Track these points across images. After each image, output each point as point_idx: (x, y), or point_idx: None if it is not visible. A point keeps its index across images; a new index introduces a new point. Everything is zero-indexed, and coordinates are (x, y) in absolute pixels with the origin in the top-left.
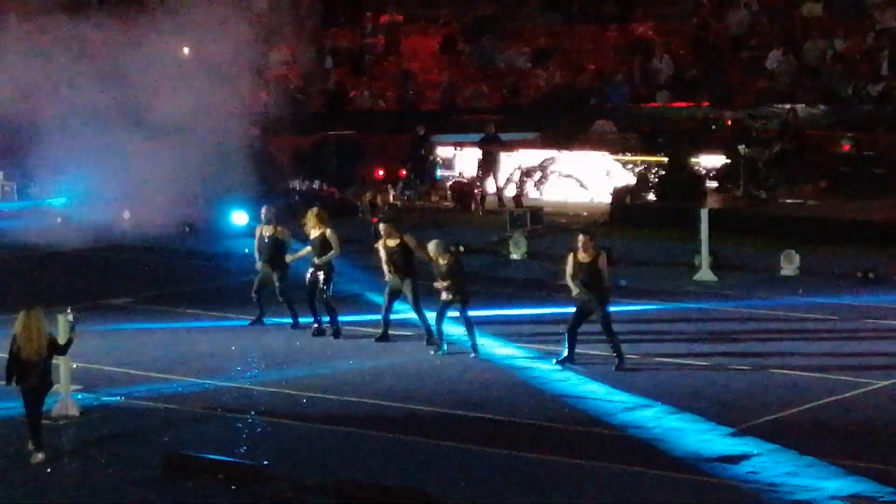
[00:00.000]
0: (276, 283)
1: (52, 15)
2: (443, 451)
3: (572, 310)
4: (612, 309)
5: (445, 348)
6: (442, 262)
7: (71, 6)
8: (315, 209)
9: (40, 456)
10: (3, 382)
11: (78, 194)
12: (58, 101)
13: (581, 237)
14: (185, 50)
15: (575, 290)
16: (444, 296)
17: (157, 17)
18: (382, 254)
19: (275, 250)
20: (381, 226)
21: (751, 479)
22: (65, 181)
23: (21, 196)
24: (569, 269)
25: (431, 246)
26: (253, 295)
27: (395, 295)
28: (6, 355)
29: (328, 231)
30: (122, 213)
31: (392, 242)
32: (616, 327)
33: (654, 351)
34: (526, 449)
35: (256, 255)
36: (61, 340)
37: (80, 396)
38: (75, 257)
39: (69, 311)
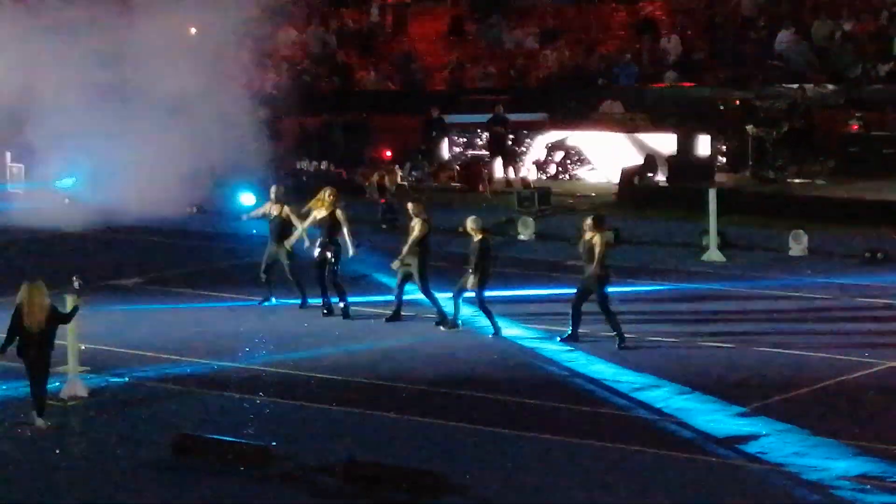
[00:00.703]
0: (285, 262)
1: None
2: (452, 432)
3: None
4: (621, 289)
5: (460, 324)
6: (475, 238)
7: None
8: (329, 189)
9: (40, 422)
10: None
11: (85, 175)
12: (64, 82)
13: (589, 219)
14: (193, 30)
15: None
16: (469, 280)
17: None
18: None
19: (281, 230)
20: (410, 204)
21: (759, 459)
22: (72, 162)
23: (29, 177)
24: (580, 246)
25: (469, 221)
26: (261, 275)
27: (408, 275)
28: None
29: (338, 212)
30: (129, 194)
31: (413, 222)
32: (625, 307)
33: (662, 331)
34: (535, 429)
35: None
36: (69, 308)
37: (88, 378)
38: (82, 238)
39: (75, 277)
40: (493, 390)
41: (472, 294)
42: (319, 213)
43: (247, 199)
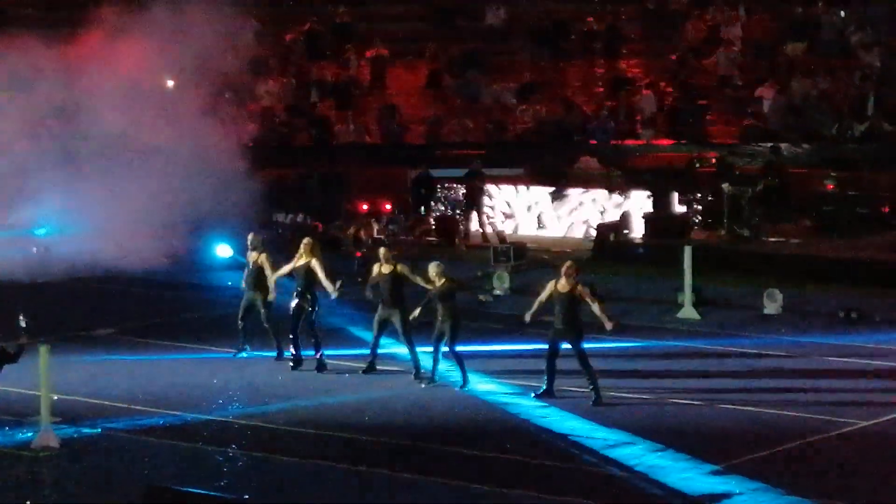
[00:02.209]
0: (261, 310)
1: (29, 40)
2: (425, 487)
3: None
4: (597, 345)
5: (437, 379)
6: (438, 283)
7: (52, 33)
8: (308, 239)
9: None
10: None
11: (59, 224)
12: (39, 132)
13: (567, 263)
14: (170, 82)
15: (526, 316)
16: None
17: (143, 48)
18: (374, 274)
19: (257, 276)
20: (382, 250)
21: None
22: (46, 211)
23: (1, 226)
24: (543, 294)
25: (432, 267)
26: (239, 322)
27: (384, 325)
28: None
29: (314, 261)
30: (104, 244)
31: (386, 269)
32: (599, 363)
33: (636, 387)
34: (509, 485)
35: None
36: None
37: (60, 428)
38: (56, 288)
39: (21, 317)
40: (466, 445)
41: (446, 348)
42: (297, 262)
43: (222, 250)
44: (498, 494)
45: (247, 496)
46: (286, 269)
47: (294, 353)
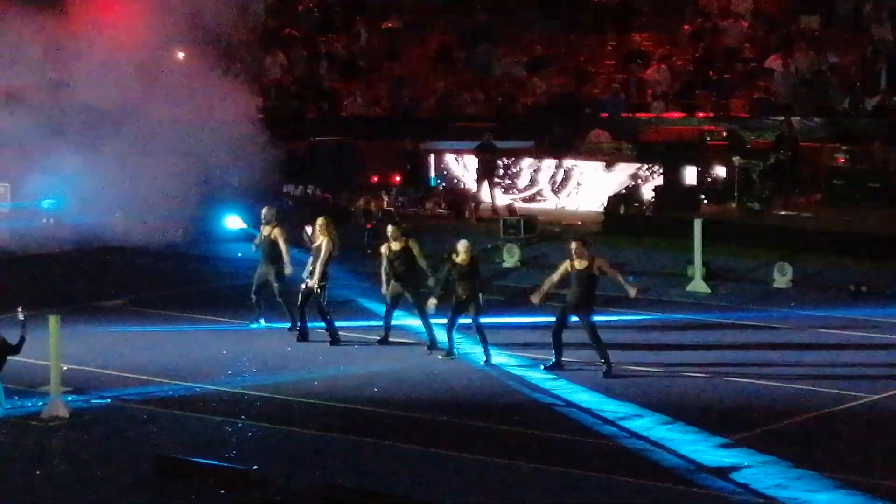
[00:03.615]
0: (275, 284)
1: (42, 11)
2: (433, 458)
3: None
4: (607, 318)
5: (456, 352)
6: (464, 260)
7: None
8: (322, 218)
9: None
10: None
11: (70, 195)
12: (51, 101)
13: (574, 244)
14: (180, 54)
15: (534, 297)
16: (445, 297)
17: (153, 19)
18: (384, 258)
19: (271, 250)
20: (389, 228)
21: (741, 491)
22: (58, 182)
23: (14, 197)
24: (555, 275)
25: (460, 244)
26: (252, 295)
27: (396, 299)
28: None
29: (325, 240)
30: (114, 216)
31: (396, 246)
32: (609, 336)
33: (646, 360)
34: (518, 457)
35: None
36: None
37: (70, 398)
38: (67, 259)
39: (19, 309)
40: (476, 417)
41: (470, 320)
42: (313, 241)
43: (232, 221)
44: (507, 467)
45: (255, 466)
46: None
47: (301, 325)
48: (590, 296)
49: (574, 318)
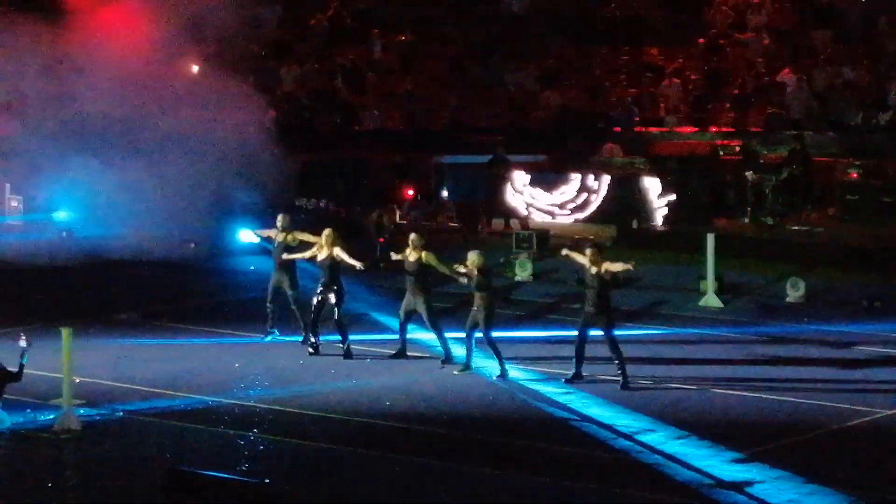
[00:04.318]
0: (289, 292)
1: (55, 25)
2: (446, 472)
3: (576, 332)
4: (620, 332)
5: (473, 367)
6: (477, 273)
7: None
8: (328, 230)
9: None
10: None
11: (83, 208)
12: (66, 114)
13: (589, 250)
14: (195, 67)
15: (564, 251)
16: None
17: (166, 32)
18: (402, 257)
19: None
20: (413, 235)
21: None
22: (71, 194)
23: (28, 209)
24: (580, 257)
25: (471, 254)
26: (268, 305)
27: (410, 314)
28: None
29: (336, 250)
30: (127, 228)
31: (412, 257)
32: (622, 350)
33: (659, 375)
34: (531, 471)
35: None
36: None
37: (82, 411)
38: (79, 271)
39: (22, 336)
40: (490, 431)
41: (480, 334)
42: (320, 254)
43: (245, 235)
44: (519, 481)
45: (268, 480)
46: (308, 254)
47: (313, 339)
48: (607, 305)
49: (593, 332)
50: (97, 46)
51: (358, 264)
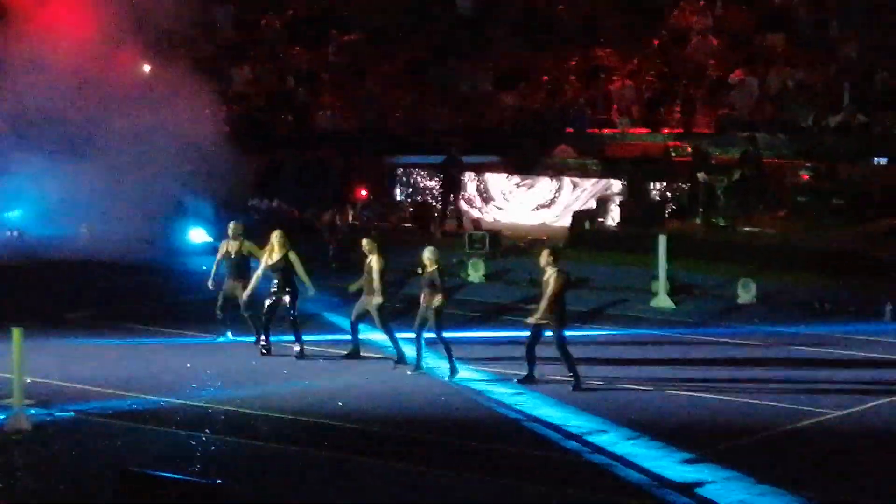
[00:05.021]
0: (242, 299)
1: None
2: (395, 473)
3: (527, 333)
4: (572, 333)
5: (424, 367)
6: (430, 268)
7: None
8: (278, 232)
9: None
10: None
11: (36, 208)
12: (14, 114)
13: (545, 251)
14: (146, 67)
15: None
16: (422, 300)
17: (119, 33)
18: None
19: (240, 267)
20: (364, 241)
21: None
22: (23, 194)
23: None
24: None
25: (426, 252)
26: (217, 313)
27: (361, 314)
28: None
29: (291, 254)
30: (79, 228)
31: (367, 259)
32: (573, 351)
33: (610, 375)
34: (480, 472)
35: (213, 269)
36: None
37: (32, 411)
38: (31, 271)
39: None
40: (440, 432)
41: (430, 334)
42: (272, 257)
43: (197, 234)
44: (470, 481)
45: (220, 481)
46: (260, 269)
47: (264, 340)
48: (559, 308)
49: (547, 333)
50: (47, 44)
51: (310, 288)
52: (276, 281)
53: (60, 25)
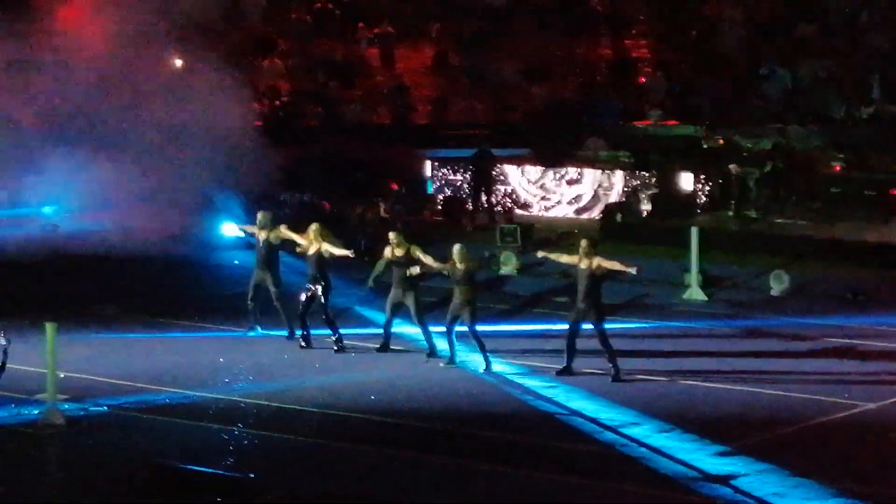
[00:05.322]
0: (272, 289)
1: (34, 19)
2: (430, 466)
3: (562, 326)
4: (605, 326)
5: (458, 361)
6: (461, 266)
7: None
8: (315, 225)
9: None
10: None
11: (69, 202)
12: (50, 109)
13: (584, 241)
14: (177, 61)
15: (541, 253)
16: (455, 298)
17: (150, 27)
18: (382, 262)
19: (268, 256)
20: (391, 234)
21: (738, 499)
22: (56, 188)
23: (13, 203)
24: (564, 256)
25: (455, 249)
26: (248, 302)
27: (397, 307)
28: None
29: (325, 246)
30: (112, 222)
31: (399, 252)
32: (611, 344)
33: (643, 368)
34: (516, 466)
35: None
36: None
37: (66, 406)
38: (65, 265)
39: (2, 333)
40: (474, 425)
41: (465, 327)
42: (308, 249)
43: (228, 228)
44: (504, 474)
45: (252, 475)
46: (300, 243)
47: (304, 332)
48: (596, 299)
49: (586, 326)
50: (80, 40)
51: (347, 252)
52: (310, 274)
53: (91, 20)
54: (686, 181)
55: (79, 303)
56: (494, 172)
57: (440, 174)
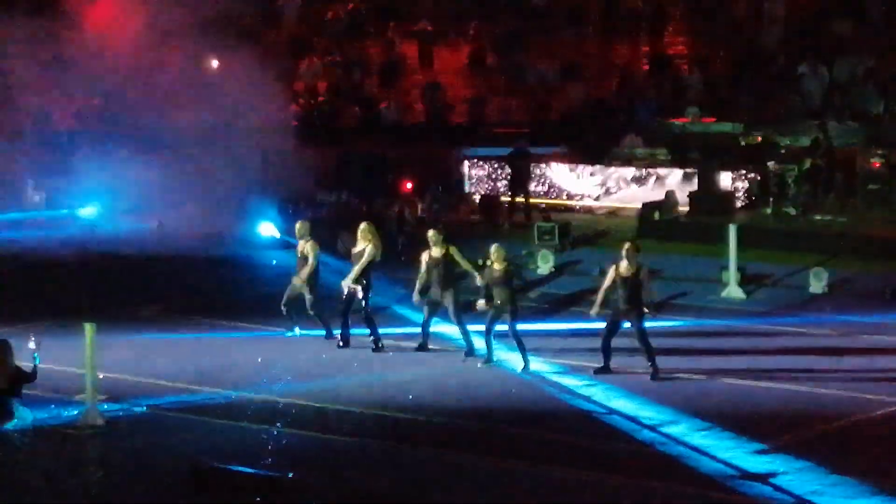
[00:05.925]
0: (307, 297)
1: (74, 20)
2: (469, 465)
3: (599, 325)
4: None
5: (495, 360)
6: (498, 267)
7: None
8: (364, 224)
9: None
10: None
11: (106, 203)
12: (86, 110)
13: (627, 245)
14: (214, 62)
15: (594, 310)
16: (492, 302)
17: (187, 27)
18: (424, 265)
19: (306, 264)
20: (430, 233)
21: (777, 498)
22: (93, 190)
23: (50, 204)
24: (607, 281)
25: (493, 249)
26: (282, 307)
27: (435, 306)
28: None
29: (369, 247)
30: (151, 223)
31: (436, 252)
32: (651, 342)
33: (681, 366)
34: (553, 464)
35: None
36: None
37: (105, 406)
38: (103, 266)
39: (32, 337)
40: (512, 424)
41: (506, 327)
42: (355, 247)
43: (267, 229)
44: (543, 473)
45: (291, 474)
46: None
47: (344, 331)
48: (638, 300)
49: (625, 325)
50: (117, 40)
51: (348, 281)
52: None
53: (128, 21)
54: (724, 178)
55: (117, 304)
56: (533, 171)
57: (477, 173)
